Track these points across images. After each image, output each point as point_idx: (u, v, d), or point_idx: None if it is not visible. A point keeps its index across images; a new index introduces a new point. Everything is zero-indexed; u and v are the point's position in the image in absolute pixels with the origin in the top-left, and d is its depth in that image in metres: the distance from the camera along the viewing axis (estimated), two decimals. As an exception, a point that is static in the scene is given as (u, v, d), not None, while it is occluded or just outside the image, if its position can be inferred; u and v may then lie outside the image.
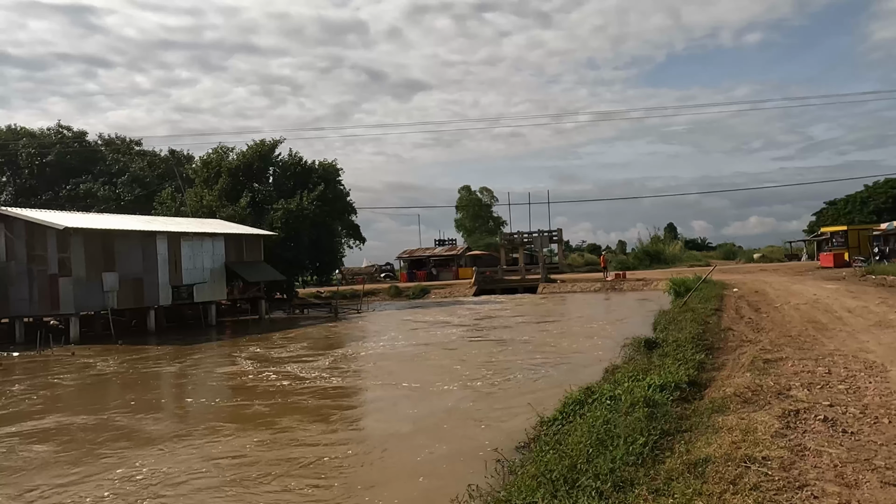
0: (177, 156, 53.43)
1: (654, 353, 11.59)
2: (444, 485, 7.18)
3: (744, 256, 64.42)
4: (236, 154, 41.94)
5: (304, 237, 38.60)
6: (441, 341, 20.77)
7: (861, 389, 7.84)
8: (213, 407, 12.71)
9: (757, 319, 15.79)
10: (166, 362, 19.25)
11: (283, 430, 10.30)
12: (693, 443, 6.24)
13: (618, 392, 8.33)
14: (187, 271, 30.17)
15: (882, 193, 58.36)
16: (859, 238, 40.58)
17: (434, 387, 13.15)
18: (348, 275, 60.55)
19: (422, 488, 7.49)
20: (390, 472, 8.12)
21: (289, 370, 16.09)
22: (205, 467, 8.45)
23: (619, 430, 6.54)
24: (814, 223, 64.81)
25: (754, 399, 7.62)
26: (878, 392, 7.62)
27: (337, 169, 43.18)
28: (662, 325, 16.20)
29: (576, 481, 5.42)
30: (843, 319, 14.40)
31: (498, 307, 33.91)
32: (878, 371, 8.79)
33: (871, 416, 6.66)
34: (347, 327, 28.08)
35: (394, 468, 8.30)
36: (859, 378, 8.43)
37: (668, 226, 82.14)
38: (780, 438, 6.01)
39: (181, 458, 8.90)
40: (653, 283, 38.62)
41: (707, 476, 5.20)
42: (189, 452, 9.21)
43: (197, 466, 8.48)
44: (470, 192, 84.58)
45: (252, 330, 28.88)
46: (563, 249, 63.48)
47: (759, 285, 26.21)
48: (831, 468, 5.26)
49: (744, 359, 10.39)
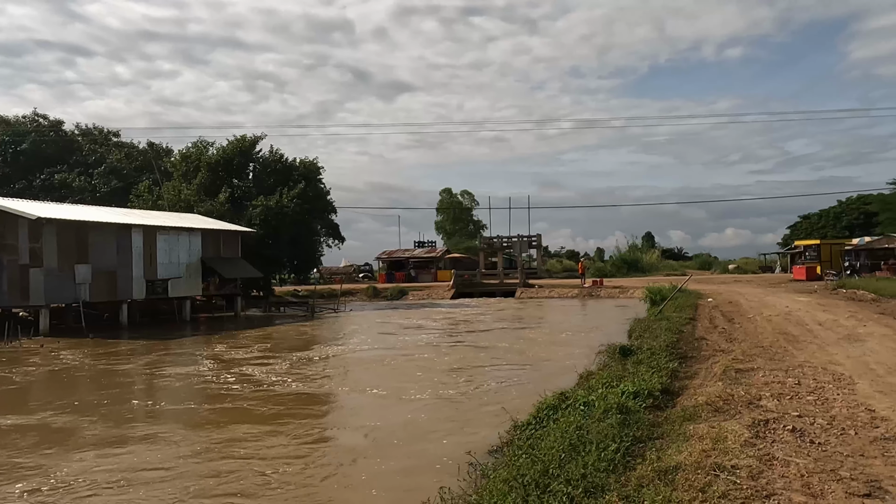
0: (155, 148, 52.74)
1: (629, 361, 11.67)
2: (404, 497, 6.92)
3: (719, 267, 65.26)
4: (216, 149, 41.58)
5: (283, 235, 38.33)
6: (415, 345, 20.71)
7: (829, 401, 7.96)
8: (160, 410, 12.05)
9: (730, 330, 15.98)
10: (131, 358, 18.81)
11: (227, 439, 9.59)
12: (664, 450, 6.28)
13: (592, 398, 8.38)
14: (162, 265, 29.79)
15: (855, 209, 59.56)
16: (831, 252, 41.31)
17: (404, 394, 12.61)
18: (326, 274, 60.26)
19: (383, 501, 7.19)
20: (344, 489, 7.55)
21: (252, 372, 15.50)
22: (121, 480, 7.74)
23: (591, 436, 6.57)
24: (788, 236, 65.97)
25: (725, 408, 7.71)
26: (845, 404, 7.75)
27: (318, 167, 42.97)
28: (638, 332, 16.33)
29: (547, 486, 5.44)
30: (814, 332, 14.64)
31: (475, 311, 33.95)
32: (846, 383, 8.94)
33: (838, 428, 6.77)
34: (322, 327, 27.91)
35: (349, 485, 7.69)
36: (828, 390, 8.57)
37: (647, 235, 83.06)
38: (749, 447, 6.08)
39: (99, 469, 8.19)
40: (629, 290, 38.96)
41: (677, 483, 5.24)
42: (112, 463, 8.48)
43: (111, 479, 7.77)
44: (451, 195, 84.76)
45: (227, 327, 28.59)
46: (542, 255, 63.83)
47: (734, 296, 26.56)
48: (798, 478, 5.33)
49: (716, 368, 10.50)
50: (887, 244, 37.98)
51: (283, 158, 42.29)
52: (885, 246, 37.96)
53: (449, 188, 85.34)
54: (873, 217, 54.28)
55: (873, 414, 7.27)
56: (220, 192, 38.61)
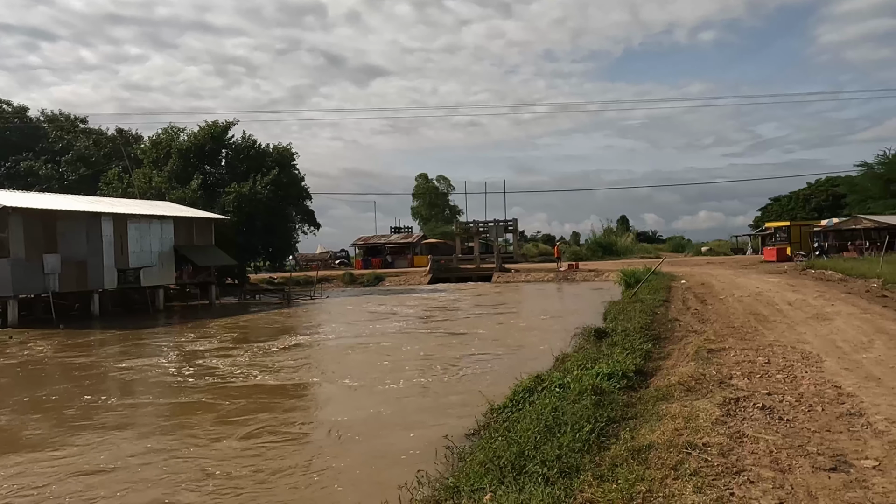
0: (125, 135, 51.72)
1: (604, 343, 11.82)
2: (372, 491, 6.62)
3: (692, 249, 66.16)
4: (187, 135, 40.89)
5: (257, 222, 37.94)
6: (391, 333, 20.68)
7: (797, 379, 8.15)
8: (112, 406, 11.21)
9: (702, 311, 16.23)
10: (96, 350, 18.30)
11: (179, 437, 9.10)
12: (638, 430, 6.38)
13: (567, 380, 8.47)
14: (134, 254, 29.31)
15: (823, 191, 60.70)
16: (801, 234, 42.10)
17: (378, 384, 12.01)
18: (302, 261, 59.84)
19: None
20: (305, 489, 7.05)
21: (218, 364, 14.93)
22: (50, 485, 7.23)
23: (566, 418, 6.65)
24: (759, 219, 67.05)
25: (697, 387, 7.84)
26: (813, 381, 7.94)
27: (292, 153, 42.52)
28: (612, 315, 16.50)
29: (523, 467, 5.49)
30: (784, 312, 14.93)
31: (452, 296, 34.03)
32: (814, 361, 9.15)
33: (806, 404, 6.93)
34: (297, 315, 27.75)
35: (309, 484, 7.16)
36: (796, 368, 8.76)
37: (621, 218, 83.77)
38: (720, 426, 6.20)
39: (27, 474, 7.64)
40: (604, 274, 39.32)
41: (650, 462, 5.33)
42: (45, 467, 7.89)
43: (37, 484, 7.26)
44: (427, 181, 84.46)
45: (201, 316, 28.26)
46: (519, 239, 64.06)
47: (706, 278, 26.96)
48: (767, 454, 5.46)
49: (689, 349, 10.67)
50: (854, 225, 38.80)
51: (256, 144, 41.75)
52: (852, 227, 38.78)
53: (424, 173, 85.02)
54: (841, 199, 55.37)
55: (839, 390, 7.45)
56: (191, 179, 38.01)
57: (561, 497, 4.73)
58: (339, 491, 6.99)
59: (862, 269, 23.54)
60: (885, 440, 5.68)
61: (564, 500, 4.70)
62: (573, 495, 4.80)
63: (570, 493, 4.83)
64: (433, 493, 5.74)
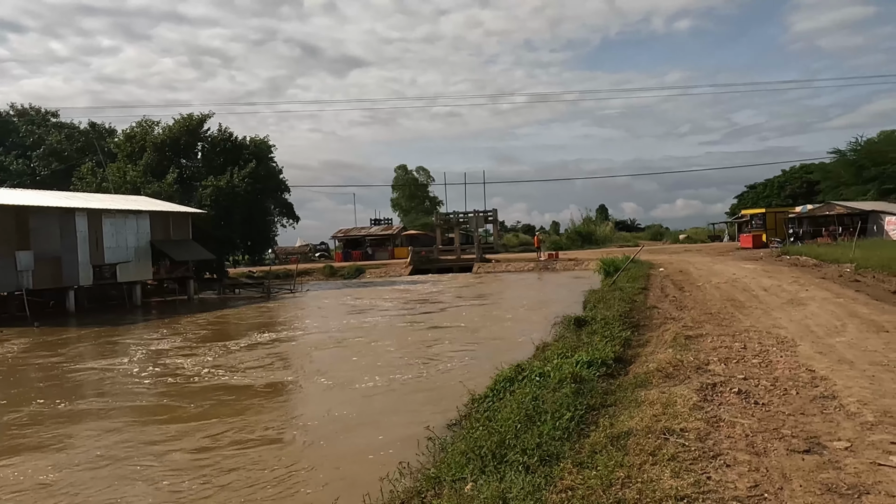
0: (98, 129, 50.81)
1: (584, 331, 11.90)
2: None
3: (670, 237, 66.82)
4: (162, 128, 40.33)
5: (235, 215, 37.58)
6: (371, 325, 20.66)
7: (773, 363, 8.27)
8: (66, 411, 10.58)
9: (680, 298, 16.41)
10: (63, 349, 17.70)
11: (135, 444, 8.55)
12: (617, 417, 6.45)
13: (547, 369, 8.52)
14: (110, 250, 28.89)
15: (798, 179, 61.55)
16: (776, 221, 42.71)
17: (355, 381, 11.79)
18: (282, 254, 59.46)
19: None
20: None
21: (187, 362, 14.43)
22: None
23: (547, 406, 6.69)
24: (736, 206, 67.87)
25: (675, 374, 7.93)
26: (787, 366, 8.07)
27: (269, 145, 42.17)
28: (592, 303, 16.62)
29: (504, 456, 5.52)
30: (759, 298, 15.15)
31: (432, 288, 34.04)
32: (789, 346, 9.30)
33: (781, 388, 7.05)
34: (276, 309, 27.59)
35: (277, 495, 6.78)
36: (771, 352, 8.90)
37: (600, 207, 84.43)
38: (697, 411, 6.29)
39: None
40: (584, 263, 39.58)
41: (628, 448, 5.38)
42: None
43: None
44: (406, 172, 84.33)
45: (179, 311, 28.00)
46: (499, 230, 64.22)
47: (684, 265, 27.26)
48: (743, 438, 5.54)
49: (667, 335, 10.79)
50: (828, 211, 39.45)
51: (232, 137, 41.29)
52: (825, 213, 39.42)
53: (404, 165, 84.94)
54: (815, 186, 56.24)
55: (813, 374, 7.58)
56: (167, 173, 37.52)
57: (541, 484, 4.76)
58: (312, 490, 6.95)
59: (835, 254, 23.94)
60: (856, 422, 5.79)
61: (544, 487, 4.73)
62: (553, 483, 4.84)
63: (550, 481, 4.87)
64: (415, 484, 5.75)
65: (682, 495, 4.38)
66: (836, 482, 4.55)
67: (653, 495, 4.42)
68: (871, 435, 5.43)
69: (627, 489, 4.57)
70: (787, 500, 4.32)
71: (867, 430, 5.54)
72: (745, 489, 4.51)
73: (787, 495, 4.39)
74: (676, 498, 4.35)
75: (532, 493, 4.59)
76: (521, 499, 4.51)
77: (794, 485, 4.54)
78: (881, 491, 4.38)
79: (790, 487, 4.50)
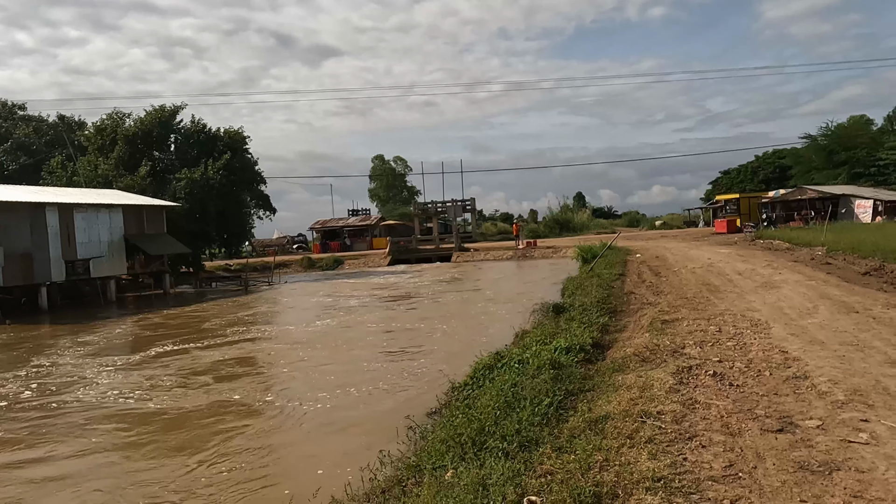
0: (67, 121, 49.82)
1: (562, 318, 11.99)
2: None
3: (646, 224, 67.48)
4: (133, 120, 39.60)
5: (211, 208, 37.11)
6: (350, 315, 20.57)
7: (747, 345, 8.41)
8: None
9: (657, 283, 16.59)
10: (22, 347, 17.03)
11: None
12: (595, 401, 6.51)
13: (526, 356, 8.57)
14: (82, 245, 28.39)
15: (770, 164, 62.42)
16: (750, 205, 43.32)
17: (338, 372, 11.20)
18: (259, 247, 58.91)
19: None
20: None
21: (149, 365, 13.33)
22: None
23: (525, 393, 6.74)
24: (710, 192, 68.72)
25: (652, 358, 8.03)
26: (761, 347, 8.21)
27: (244, 137, 41.63)
28: (570, 290, 16.75)
29: (484, 443, 5.56)
30: (734, 282, 15.37)
31: (411, 277, 34.02)
32: (762, 328, 9.46)
33: (755, 370, 7.17)
34: (255, 301, 27.37)
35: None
36: (746, 335, 9.04)
37: (577, 195, 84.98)
38: (673, 394, 6.37)
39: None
40: (562, 250, 39.80)
41: (606, 432, 5.45)
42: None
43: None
44: (384, 162, 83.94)
45: (155, 306, 27.65)
46: (477, 218, 64.30)
47: (660, 251, 27.54)
48: (718, 419, 5.63)
49: (644, 320, 10.91)
50: (800, 196, 40.08)
51: (206, 129, 40.71)
52: (797, 198, 40.04)
53: (381, 155, 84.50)
54: (787, 170, 57.08)
55: (786, 355, 7.72)
56: (140, 166, 36.91)
57: (520, 470, 4.80)
58: (291, 482, 6.94)
59: (807, 238, 24.36)
60: (827, 401, 5.92)
61: (524, 472, 4.77)
62: (532, 468, 4.88)
63: (529, 466, 4.91)
64: (396, 472, 5.76)
65: (658, 476, 4.45)
66: (808, 460, 4.65)
67: (630, 477, 4.48)
68: (842, 413, 5.56)
69: (605, 472, 4.62)
70: (761, 479, 4.40)
71: (838, 409, 5.67)
72: (720, 469, 4.59)
73: (760, 474, 4.48)
74: (653, 479, 4.41)
75: (512, 478, 4.63)
76: (500, 484, 4.54)
77: (767, 463, 4.64)
78: (851, 467, 4.49)
79: (764, 466, 4.59)
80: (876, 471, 4.41)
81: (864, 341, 8.12)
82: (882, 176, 46.86)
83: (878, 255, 16.49)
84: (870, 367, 6.89)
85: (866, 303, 10.91)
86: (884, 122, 54.92)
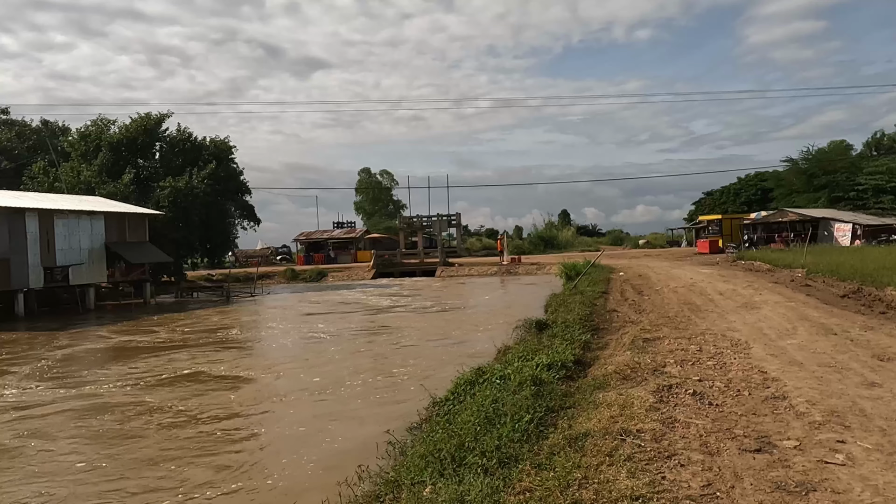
0: (50, 127, 49.34)
1: (544, 334, 12.00)
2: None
3: (630, 242, 68.04)
4: (118, 127, 39.41)
5: (194, 217, 36.87)
6: (331, 329, 20.45)
7: (727, 365, 8.46)
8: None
9: (639, 301, 16.67)
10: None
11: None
12: (575, 418, 6.50)
13: (507, 371, 8.55)
14: (62, 251, 28.03)
15: (752, 186, 63.24)
16: (732, 226, 43.84)
17: (321, 387, 11.45)
18: (242, 257, 58.54)
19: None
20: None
21: (119, 377, 12.99)
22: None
23: (506, 409, 6.71)
24: (693, 212, 69.37)
25: (633, 376, 8.05)
26: (741, 367, 8.26)
27: (230, 146, 41.55)
28: (553, 307, 16.78)
29: (463, 459, 5.51)
30: (715, 301, 15.49)
31: (395, 291, 33.92)
32: (743, 348, 9.52)
33: (734, 389, 7.21)
34: (236, 312, 27.11)
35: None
36: (726, 355, 9.09)
37: (562, 212, 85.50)
38: (653, 412, 6.38)
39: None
40: (546, 267, 39.94)
41: (586, 449, 5.43)
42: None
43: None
44: (370, 175, 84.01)
45: (134, 315, 27.28)
46: (462, 234, 64.39)
47: (643, 270, 27.72)
48: (697, 438, 5.64)
49: (625, 338, 10.94)
50: (781, 218, 40.63)
51: (191, 137, 40.56)
52: (778, 220, 40.60)
53: (367, 168, 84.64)
54: (769, 193, 57.87)
55: (765, 375, 7.77)
56: (123, 174, 36.63)
57: (499, 487, 4.77)
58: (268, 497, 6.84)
59: (788, 259, 24.65)
60: (805, 421, 5.95)
61: (503, 489, 4.74)
62: (511, 484, 4.85)
63: (508, 483, 4.88)
64: (374, 488, 5.70)
65: (637, 495, 4.44)
66: (786, 480, 4.66)
67: (609, 495, 4.46)
68: (819, 434, 5.59)
69: (584, 490, 4.60)
70: (739, 499, 4.41)
71: (815, 430, 5.70)
72: (698, 488, 4.59)
73: (738, 493, 4.48)
74: (632, 498, 4.40)
75: (490, 494, 4.59)
76: (479, 501, 4.50)
77: (745, 483, 4.64)
78: (827, 488, 4.51)
79: (741, 486, 4.60)
80: (852, 492, 4.43)
81: (841, 363, 8.20)
82: (861, 200, 47.64)
83: (857, 278, 16.70)
84: (847, 389, 6.96)
85: (844, 325, 11.04)
86: (863, 148, 56.04)
